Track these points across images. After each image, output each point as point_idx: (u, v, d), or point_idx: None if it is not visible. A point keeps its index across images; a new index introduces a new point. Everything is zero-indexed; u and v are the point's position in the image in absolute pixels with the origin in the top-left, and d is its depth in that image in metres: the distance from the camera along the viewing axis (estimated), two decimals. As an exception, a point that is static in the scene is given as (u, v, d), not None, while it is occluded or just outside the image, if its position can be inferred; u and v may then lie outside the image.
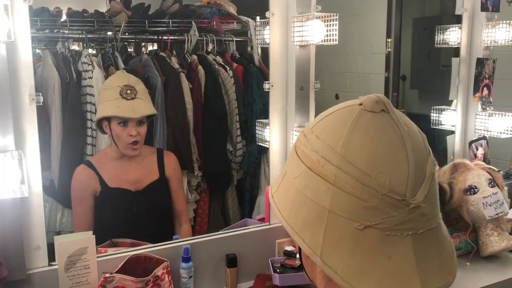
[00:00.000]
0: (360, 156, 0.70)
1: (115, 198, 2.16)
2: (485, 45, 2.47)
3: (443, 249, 0.75)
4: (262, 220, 2.15)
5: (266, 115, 2.04)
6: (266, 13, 1.92)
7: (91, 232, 1.66)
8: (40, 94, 1.55)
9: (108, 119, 2.12)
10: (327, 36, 1.78)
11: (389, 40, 3.91)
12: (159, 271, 1.68)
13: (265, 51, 2.46)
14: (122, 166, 2.19)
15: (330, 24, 1.77)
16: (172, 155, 2.34)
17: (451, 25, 2.63)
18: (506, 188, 2.24)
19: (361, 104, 0.75)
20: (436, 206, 0.75)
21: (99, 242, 2.04)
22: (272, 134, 1.99)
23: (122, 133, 2.10)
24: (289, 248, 1.94)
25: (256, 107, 2.83)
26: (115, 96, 2.09)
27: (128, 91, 2.09)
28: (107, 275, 1.59)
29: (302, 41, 1.82)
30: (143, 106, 2.13)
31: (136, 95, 2.11)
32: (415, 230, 0.70)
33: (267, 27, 1.96)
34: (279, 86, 1.96)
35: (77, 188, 2.16)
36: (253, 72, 2.86)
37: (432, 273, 0.72)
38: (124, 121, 2.10)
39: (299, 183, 0.75)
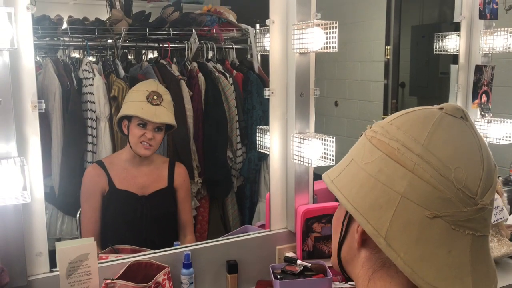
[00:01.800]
0: (443, 149, 0.74)
1: (120, 200, 2.20)
2: (484, 52, 2.48)
3: (490, 258, 0.79)
4: (262, 226, 2.15)
5: (266, 122, 2.05)
6: (266, 21, 1.93)
7: (92, 238, 1.67)
8: (42, 101, 1.56)
9: (129, 118, 2.17)
10: (327, 44, 1.79)
11: (388, 47, 3.93)
12: (160, 277, 1.68)
13: (264, 59, 2.47)
14: (132, 170, 2.23)
15: (329, 32, 1.78)
16: (183, 167, 2.37)
17: (450, 33, 2.64)
18: (505, 194, 2.25)
19: (441, 109, 0.79)
20: (492, 216, 0.79)
21: (104, 242, 2.06)
22: (273, 140, 2.00)
23: (139, 133, 2.15)
24: (289, 254, 1.94)
25: (256, 114, 2.85)
26: (141, 98, 2.15)
27: (155, 97, 2.15)
28: (108, 281, 1.60)
29: (302, 48, 1.83)
30: (165, 114, 2.17)
31: (161, 102, 2.17)
32: (474, 231, 0.74)
33: (267, 35, 1.97)
34: (279, 93, 1.97)
35: (87, 186, 2.20)
36: (253, 79, 2.88)
37: (481, 277, 0.76)
38: (144, 123, 2.15)
39: (372, 168, 0.77)
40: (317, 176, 2.07)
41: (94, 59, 2.79)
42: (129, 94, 2.26)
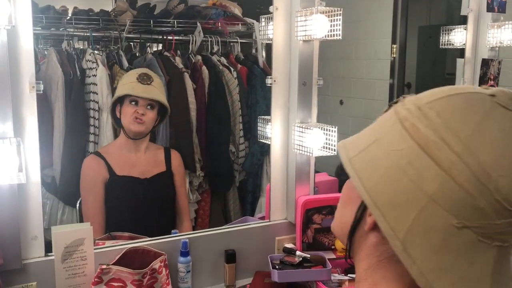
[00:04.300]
0: (487, 151, 0.63)
1: (123, 185, 2.18)
2: (491, 46, 2.45)
3: (510, 268, 0.71)
4: (262, 218, 2.13)
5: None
6: (270, 7, 1.91)
7: (88, 223, 1.65)
8: (41, 82, 1.55)
9: (121, 101, 2.18)
10: (331, 31, 1.77)
11: (394, 46, 3.90)
12: (156, 264, 1.66)
13: (269, 53, 2.45)
14: (129, 156, 2.22)
15: (333, 19, 1.76)
16: (177, 153, 2.38)
17: (456, 26, 2.61)
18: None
19: (492, 96, 0.67)
20: None
21: (107, 230, 2.06)
22: (274, 129, 1.97)
23: (131, 110, 2.15)
24: (289, 245, 1.91)
25: (259, 108, 2.82)
26: (132, 80, 2.18)
27: (145, 77, 2.18)
28: (104, 266, 1.57)
29: (305, 35, 1.81)
30: (156, 92, 2.19)
31: (152, 83, 2.19)
32: (502, 242, 0.66)
33: (271, 23, 1.95)
34: (281, 81, 1.94)
35: (87, 176, 2.18)
36: (257, 74, 2.86)
37: None
38: (135, 101, 2.16)
39: (400, 158, 0.67)
40: (318, 169, 2.04)
41: (97, 52, 2.77)
42: (120, 79, 2.30)
